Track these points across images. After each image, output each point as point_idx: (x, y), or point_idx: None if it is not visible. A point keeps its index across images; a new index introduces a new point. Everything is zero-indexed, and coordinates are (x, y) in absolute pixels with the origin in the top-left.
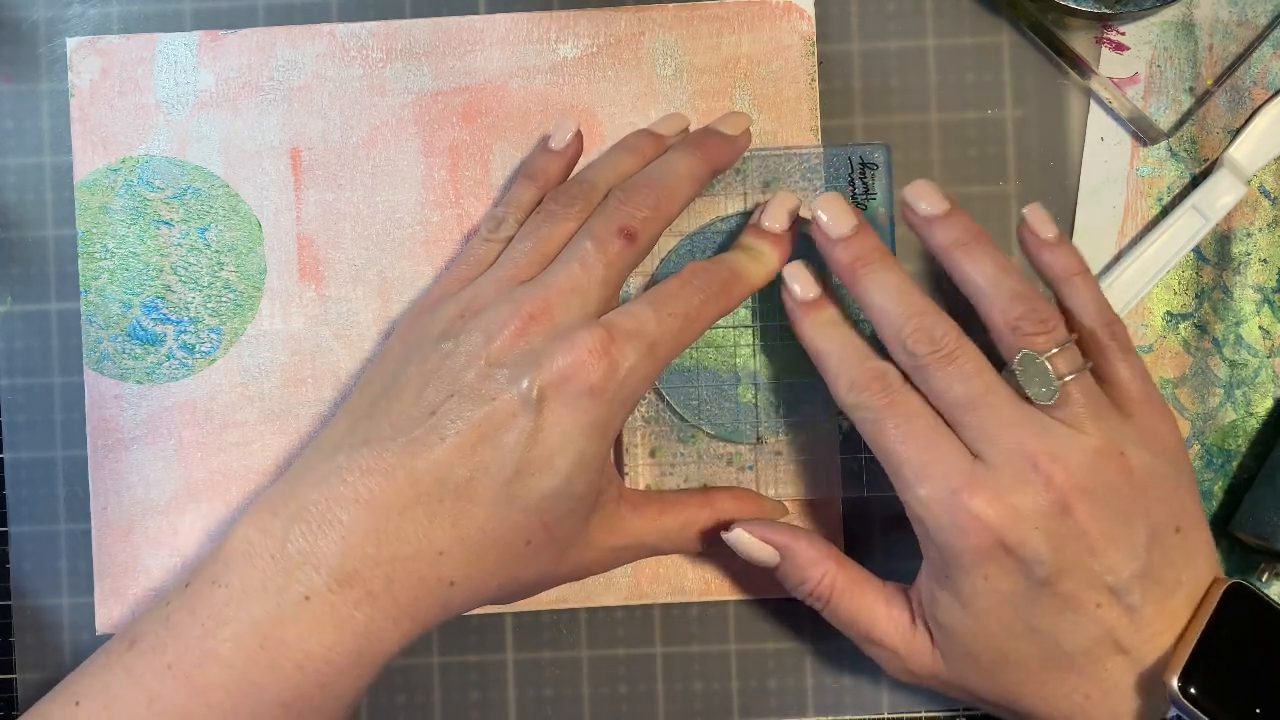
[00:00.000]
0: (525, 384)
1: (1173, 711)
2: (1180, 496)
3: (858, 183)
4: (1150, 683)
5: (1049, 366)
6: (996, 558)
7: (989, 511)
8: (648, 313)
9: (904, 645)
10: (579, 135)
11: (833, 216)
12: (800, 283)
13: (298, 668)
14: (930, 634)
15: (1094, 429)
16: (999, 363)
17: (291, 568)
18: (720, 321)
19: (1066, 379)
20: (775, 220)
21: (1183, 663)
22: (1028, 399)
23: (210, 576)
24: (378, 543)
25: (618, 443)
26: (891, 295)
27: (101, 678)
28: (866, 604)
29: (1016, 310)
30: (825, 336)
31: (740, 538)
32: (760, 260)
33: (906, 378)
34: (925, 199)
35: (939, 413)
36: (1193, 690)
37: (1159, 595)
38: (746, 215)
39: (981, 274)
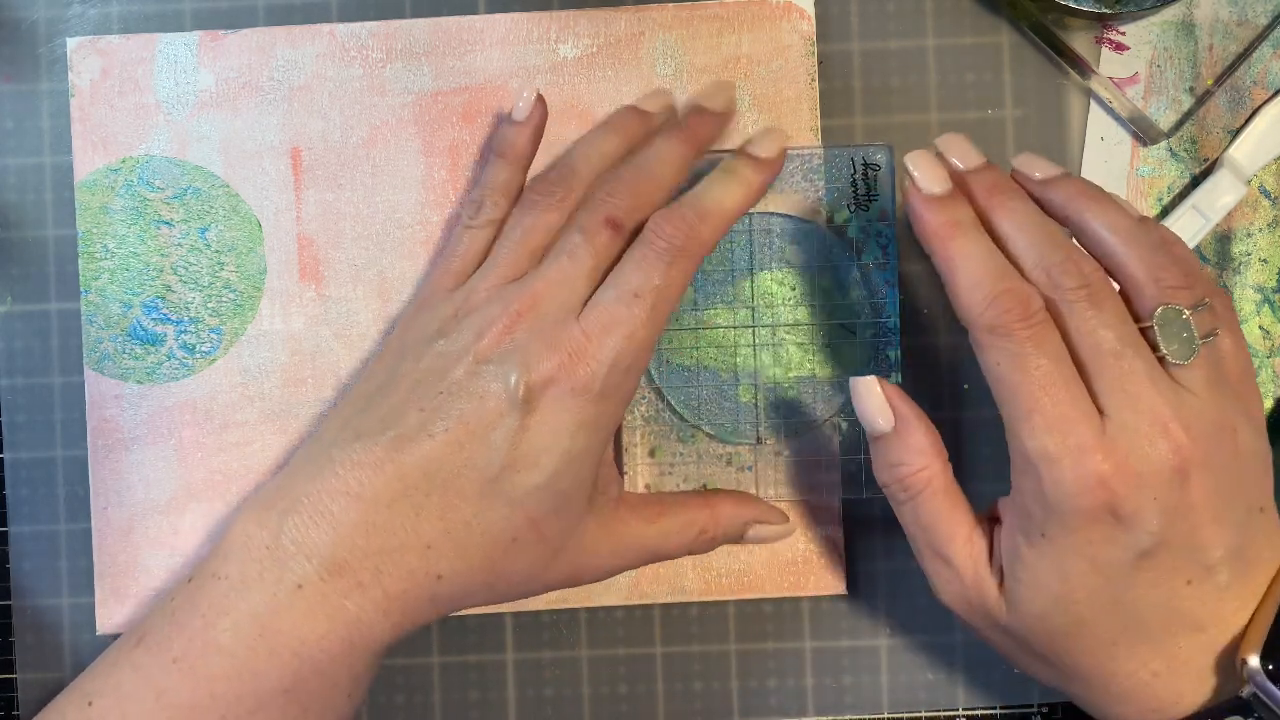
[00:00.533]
0: (512, 381)
1: (1248, 689)
2: (1268, 475)
3: (860, 183)
4: (1221, 661)
5: (1194, 324)
6: (1104, 523)
7: (1113, 475)
8: (613, 301)
9: (971, 575)
10: (541, 100)
11: (960, 153)
12: (923, 171)
13: (294, 655)
14: (1000, 580)
15: (1214, 399)
16: None
17: (286, 558)
18: (720, 321)
19: (1202, 341)
20: (762, 148)
21: (1262, 640)
22: (1159, 358)
23: (211, 570)
24: (366, 534)
25: (617, 441)
26: (1035, 224)
27: (112, 675)
28: (954, 519)
29: (1160, 259)
30: (964, 239)
31: (869, 387)
32: (738, 178)
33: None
34: (1031, 165)
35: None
36: (1270, 667)
37: (1244, 574)
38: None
39: (1112, 224)
